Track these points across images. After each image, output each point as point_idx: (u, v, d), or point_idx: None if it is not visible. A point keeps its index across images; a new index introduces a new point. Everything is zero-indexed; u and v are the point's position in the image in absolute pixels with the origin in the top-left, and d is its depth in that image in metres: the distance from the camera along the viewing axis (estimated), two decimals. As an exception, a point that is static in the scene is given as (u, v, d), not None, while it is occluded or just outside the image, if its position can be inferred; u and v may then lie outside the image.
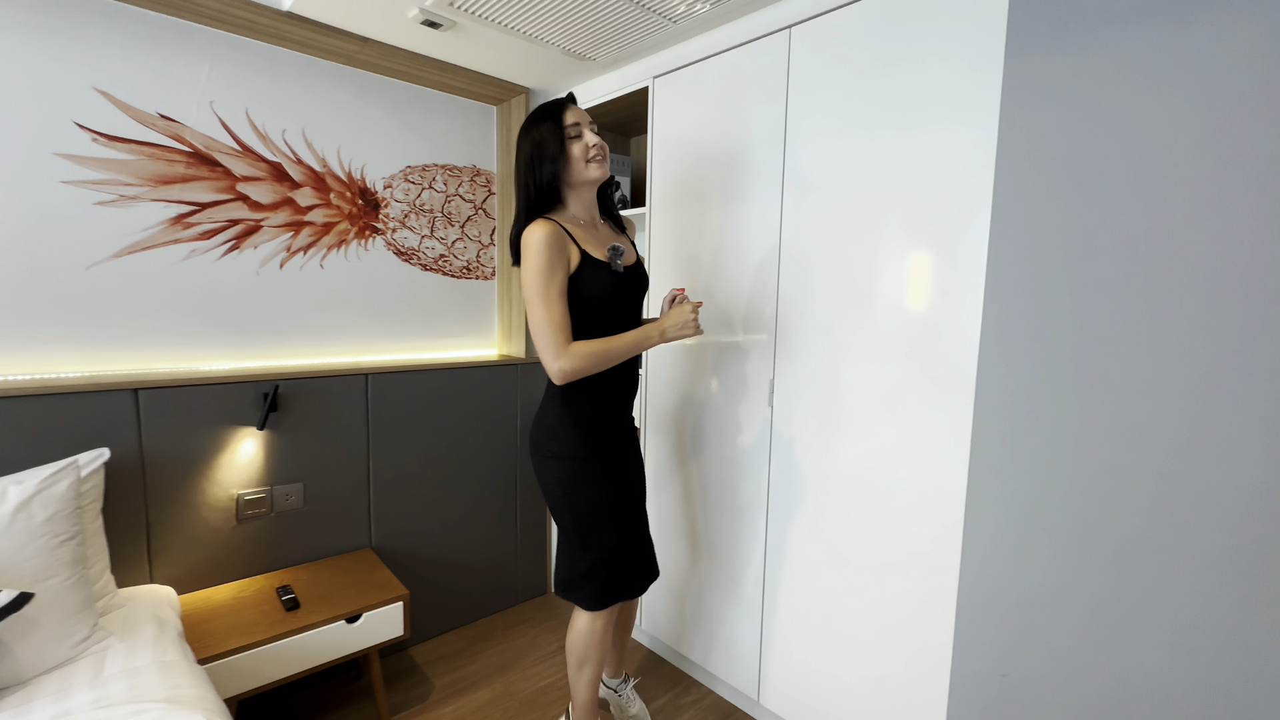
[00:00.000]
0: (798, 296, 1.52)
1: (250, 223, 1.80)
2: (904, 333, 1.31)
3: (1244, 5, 0.85)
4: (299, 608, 1.54)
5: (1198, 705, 0.93)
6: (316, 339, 1.94)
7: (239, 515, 1.69)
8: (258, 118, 1.78)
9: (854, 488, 1.43)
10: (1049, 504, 1.05)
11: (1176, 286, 0.92)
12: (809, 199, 1.49)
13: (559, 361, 1.20)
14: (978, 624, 1.15)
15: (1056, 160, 1.02)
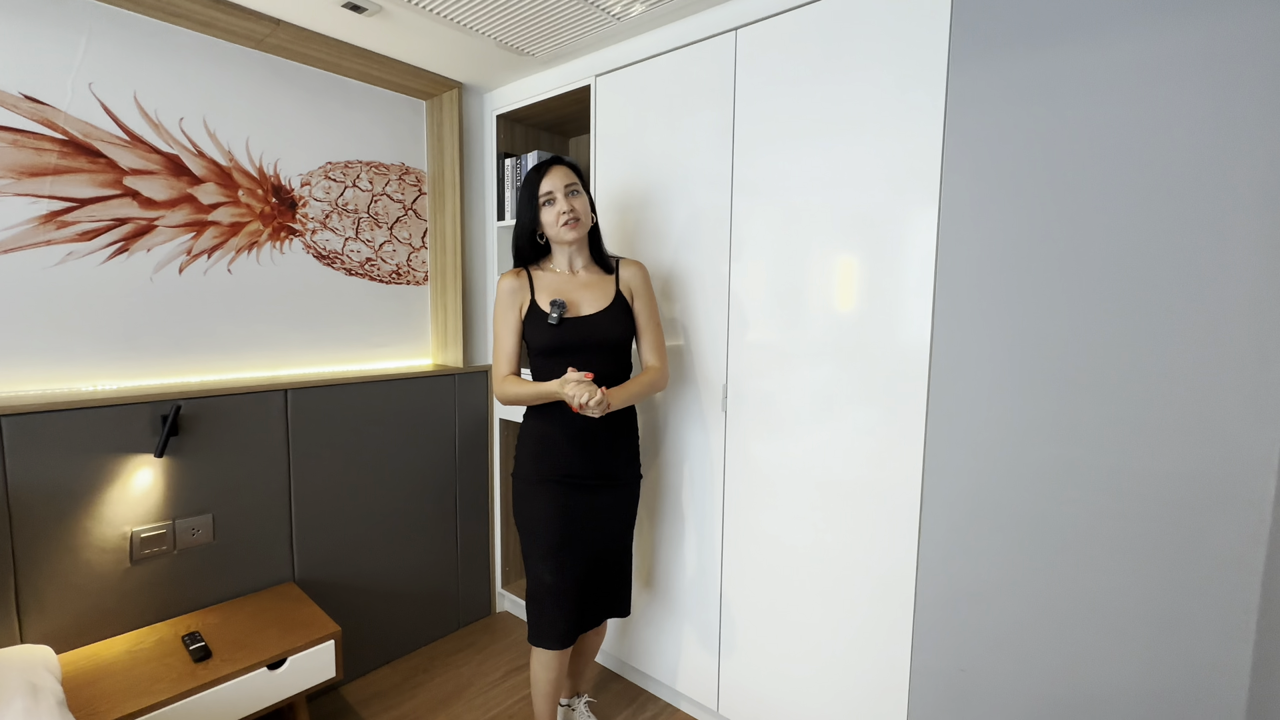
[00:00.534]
0: (749, 300, 1.51)
1: (141, 222, 1.59)
2: (856, 335, 1.32)
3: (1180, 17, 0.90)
4: (210, 657, 1.36)
5: (1139, 686, 0.98)
6: (225, 352, 1.74)
7: (134, 555, 1.48)
8: (149, 103, 1.58)
9: (810, 490, 1.43)
10: (1002, 500, 1.08)
11: (1118, 285, 0.96)
12: (758, 202, 1.48)
13: (495, 384, 1.43)
14: (936, 620, 1.17)
15: (1002, 163, 1.06)
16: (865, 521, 1.32)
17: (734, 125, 1.51)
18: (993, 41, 1.05)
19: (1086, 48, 0.97)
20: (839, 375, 1.35)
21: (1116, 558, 0.97)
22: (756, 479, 1.53)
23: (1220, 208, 0.88)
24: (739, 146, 1.51)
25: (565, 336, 1.38)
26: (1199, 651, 0.92)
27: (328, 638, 1.48)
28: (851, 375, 1.32)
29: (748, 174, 1.50)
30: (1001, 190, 1.06)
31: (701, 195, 1.60)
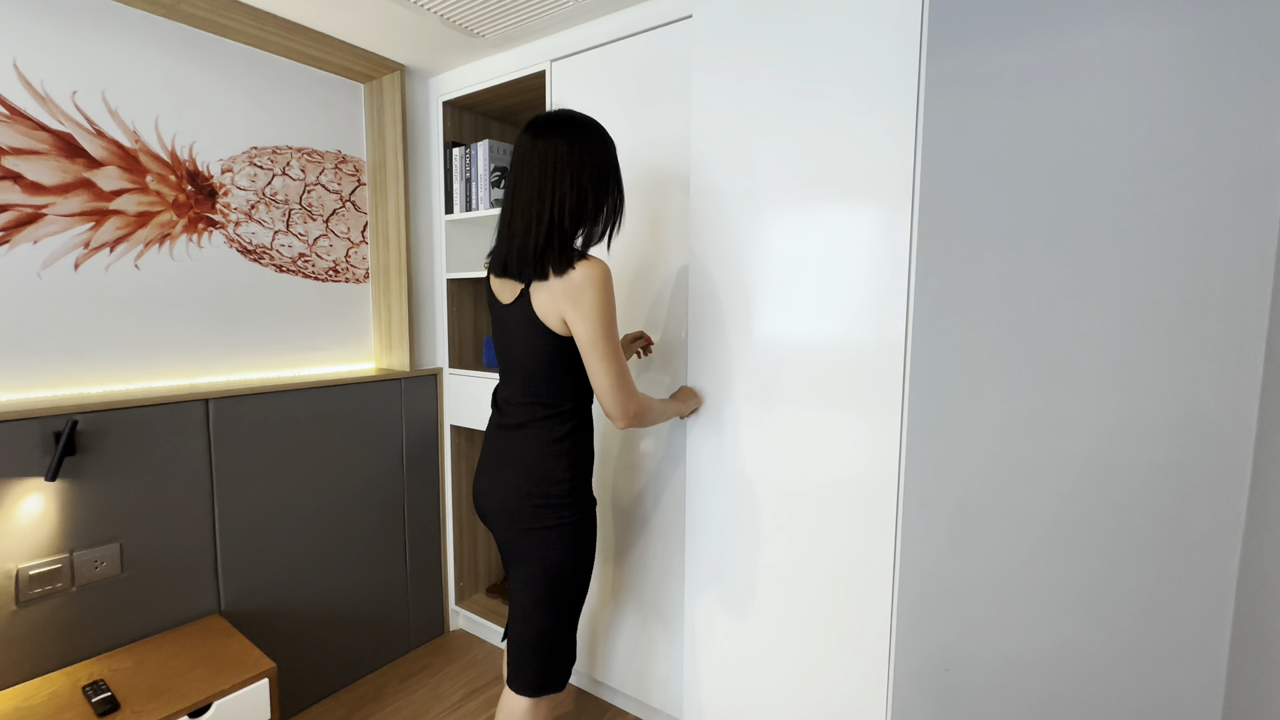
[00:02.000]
0: (713, 298, 1.45)
1: (25, 209, 1.37)
2: (829, 329, 1.28)
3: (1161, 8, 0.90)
4: (118, 709, 1.19)
5: (1125, 675, 0.98)
6: (133, 358, 1.54)
7: (20, 596, 1.27)
8: (32, 72, 1.37)
9: (781, 489, 1.39)
10: (984, 494, 1.07)
11: (1097, 277, 0.96)
12: (722, 196, 1.42)
13: (633, 403, 1.11)
14: (918, 620, 1.15)
15: (980, 155, 1.04)
16: (841, 520, 1.28)
17: (692, 114, 1.45)
18: (970, 31, 1.03)
19: (1065, 38, 0.96)
20: (811, 371, 1.31)
21: (1100, 549, 0.97)
22: (722, 479, 1.48)
23: (1200, 199, 0.88)
24: (698, 140, 1.45)
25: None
26: (1180, 640, 0.93)
27: (261, 676, 1.32)
28: (824, 370, 1.29)
29: (709, 168, 1.44)
30: (980, 180, 1.04)
31: (660, 192, 1.53)
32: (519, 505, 1.13)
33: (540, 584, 1.15)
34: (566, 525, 1.13)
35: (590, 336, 1.03)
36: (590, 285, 1.02)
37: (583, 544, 1.17)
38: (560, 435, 1.13)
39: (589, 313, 1.02)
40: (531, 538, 1.13)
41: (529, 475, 1.13)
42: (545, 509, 1.12)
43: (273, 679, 1.33)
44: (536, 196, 1.05)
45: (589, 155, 1.07)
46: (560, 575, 1.15)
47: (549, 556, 1.13)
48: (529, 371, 1.12)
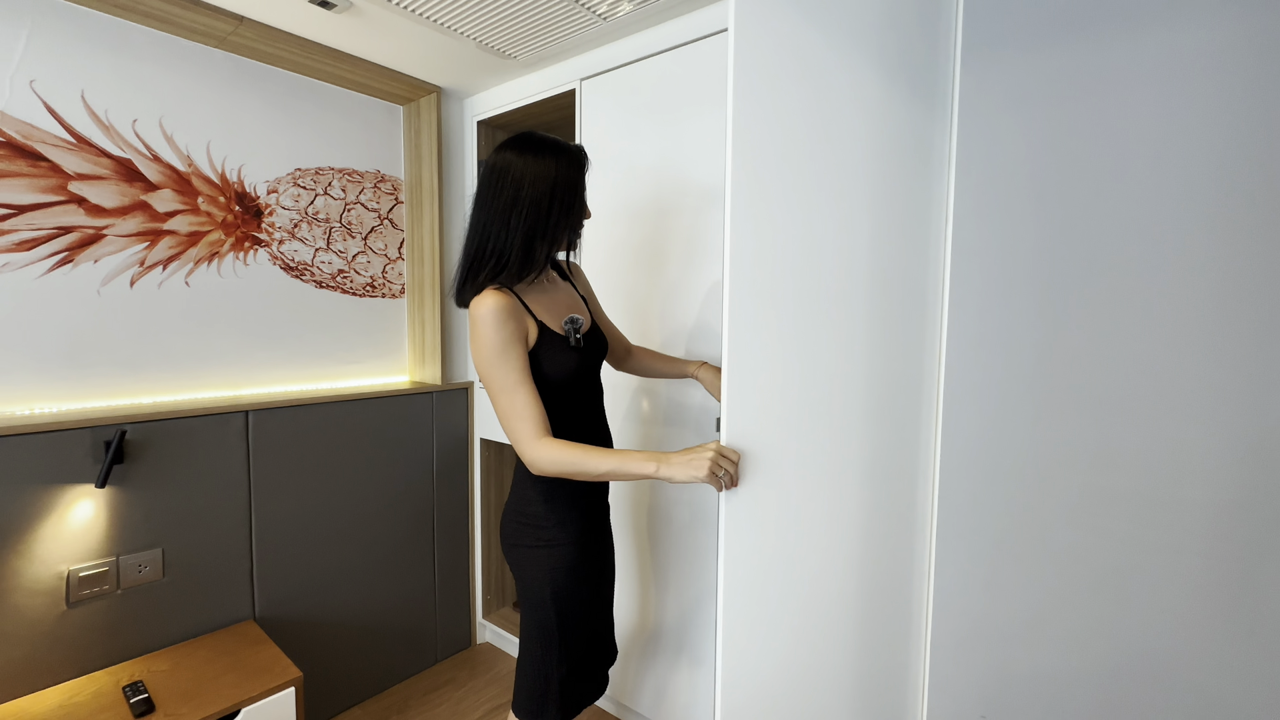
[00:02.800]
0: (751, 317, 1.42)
1: (88, 231, 1.46)
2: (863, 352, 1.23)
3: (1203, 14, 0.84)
4: (153, 711, 1.23)
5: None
6: (180, 371, 1.62)
7: (70, 597, 1.34)
8: (98, 103, 1.46)
9: (816, 521, 1.33)
10: (1023, 532, 1.00)
11: (1147, 300, 0.89)
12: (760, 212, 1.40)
13: (533, 452, 0.99)
14: (953, 662, 1.08)
15: (1017, 170, 0.99)
16: (871, 554, 1.23)
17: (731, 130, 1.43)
18: (1004, 40, 0.99)
19: (1107, 44, 0.91)
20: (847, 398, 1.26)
21: (1159, 596, 0.89)
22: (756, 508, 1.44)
23: (1260, 210, 0.81)
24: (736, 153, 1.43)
25: (586, 359, 1.13)
26: (1252, 701, 0.84)
27: (288, 684, 1.35)
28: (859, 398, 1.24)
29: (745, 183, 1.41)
30: (1019, 196, 0.99)
31: (694, 206, 1.52)
32: (506, 519, 1.16)
33: (524, 607, 1.14)
34: (542, 548, 1.10)
35: (479, 372, 1.02)
36: (475, 320, 1.00)
37: (563, 574, 1.10)
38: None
39: (477, 342, 1.00)
40: (514, 555, 1.14)
41: (515, 491, 1.15)
42: (524, 528, 1.12)
43: (299, 688, 1.36)
44: (470, 223, 1.07)
45: (524, 184, 1.01)
46: (539, 602, 1.10)
47: (527, 579, 1.12)
48: None
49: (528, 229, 1.02)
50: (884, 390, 1.09)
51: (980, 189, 1.02)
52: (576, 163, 1.07)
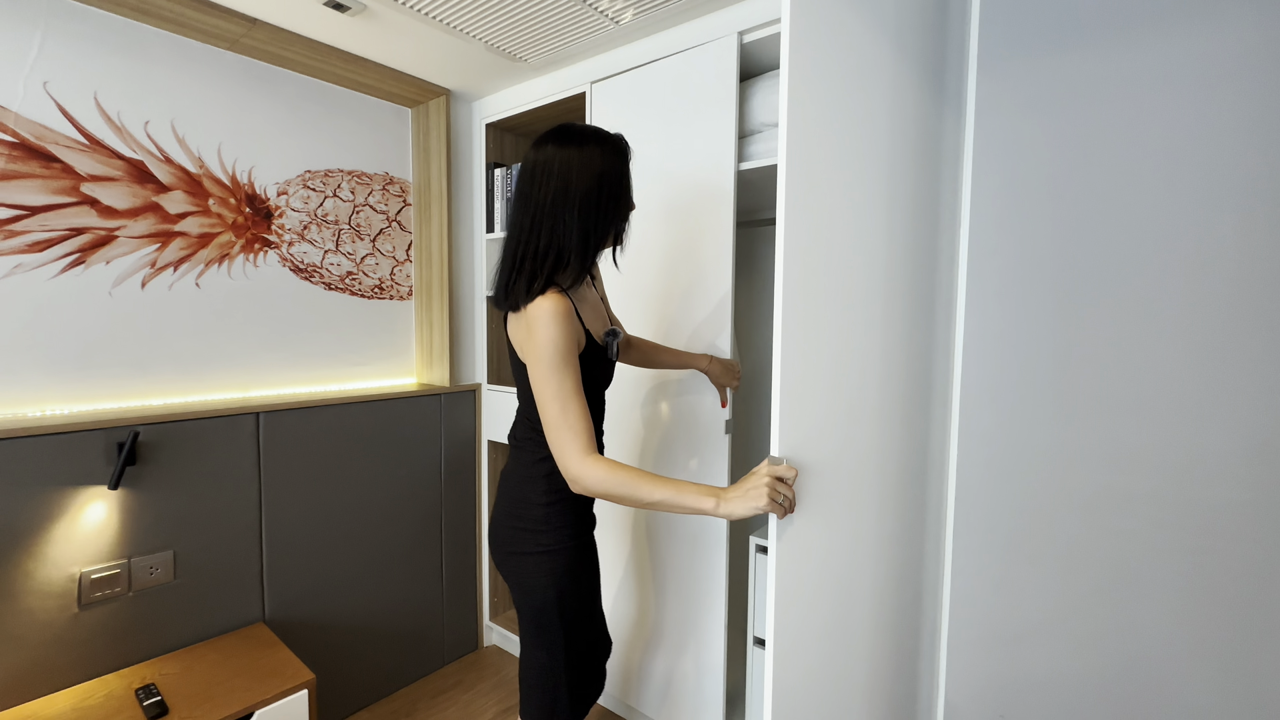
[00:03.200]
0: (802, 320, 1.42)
1: (100, 232, 1.46)
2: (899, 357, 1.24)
3: (1223, 16, 0.85)
4: (167, 714, 1.22)
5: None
6: (190, 373, 1.61)
7: (82, 599, 1.33)
8: (110, 105, 1.46)
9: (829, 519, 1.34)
10: (1038, 533, 1.01)
11: (1163, 302, 0.90)
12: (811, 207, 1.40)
13: (581, 469, 0.93)
14: (970, 662, 1.09)
15: (1033, 173, 1.00)
16: (886, 554, 1.23)
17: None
18: (1020, 45, 1.00)
19: (1123, 50, 0.92)
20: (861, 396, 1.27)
21: (1173, 595, 0.90)
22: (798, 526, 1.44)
23: (1275, 217, 0.82)
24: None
25: (610, 373, 1.12)
26: (1265, 700, 0.85)
27: (300, 687, 1.34)
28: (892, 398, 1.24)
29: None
30: (1035, 198, 1.00)
31: (705, 208, 1.53)
32: (499, 526, 1.11)
33: (526, 614, 1.10)
34: (544, 554, 1.06)
35: (535, 368, 0.95)
36: (537, 322, 0.94)
37: (565, 577, 1.08)
38: (543, 456, 1.07)
39: (539, 344, 0.95)
40: (511, 564, 1.09)
41: (509, 495, 1.11)
42: (522, 533, 1.07)
43: (311, 690, 1.35)
44: (515, 221, 1.01)
45: (579, 181, 0.97)
46: (543, 608, 1.07)
47: (529, 586, 1.08)
48: (522, 391, 1.10)
49: (583, 224, 0.97)
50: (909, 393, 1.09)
51: (997, 191, 1.03)
52: (620, 151, 1.02)
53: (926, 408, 1.15)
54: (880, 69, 0.97)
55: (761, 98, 1.43)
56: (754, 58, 1.48)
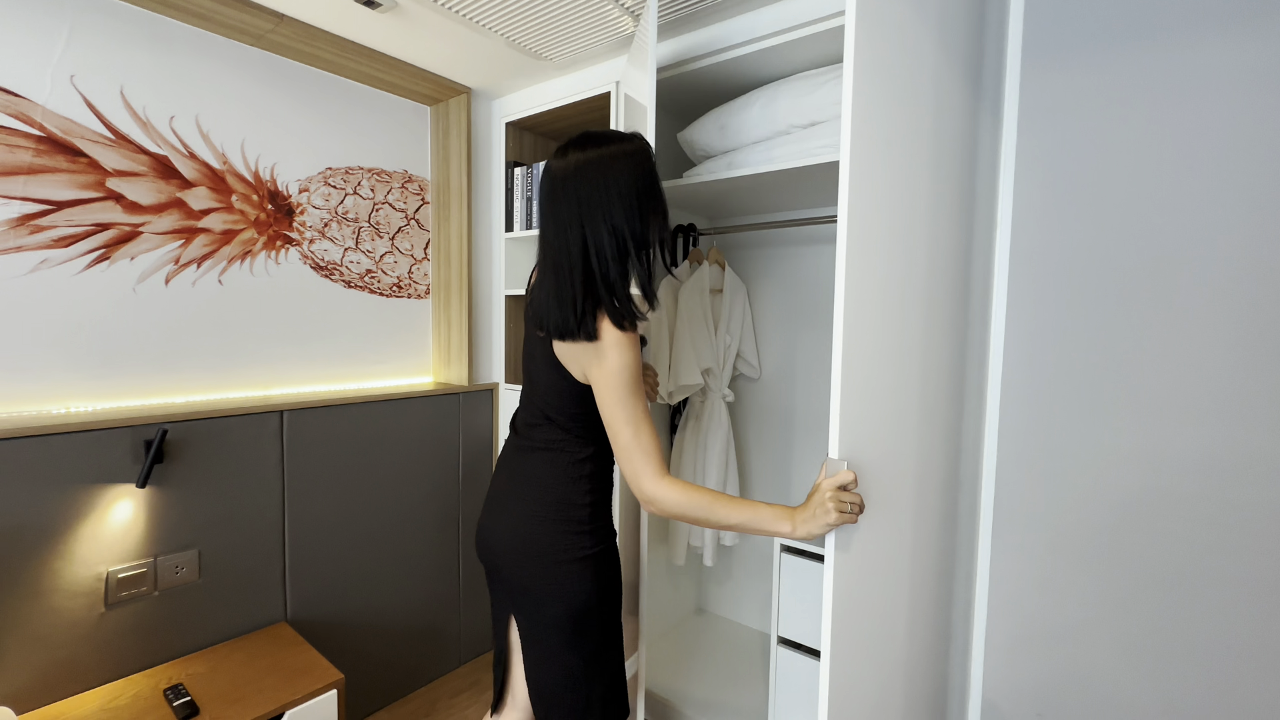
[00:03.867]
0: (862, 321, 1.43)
1: (125, 228, 1.45)
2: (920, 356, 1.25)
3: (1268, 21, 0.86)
4: (198, 714, 1.21)
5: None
6: (214, 370, 1.60)
7: (109, 599, 1.32)
8: (137, 99, 1.45)
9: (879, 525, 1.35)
10: (1078, 533, 1.02)
11: (1206, 303, 0.91)
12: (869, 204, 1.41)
13: (657, 490, 0.92)
14: (1008, 662, 1.09)
15: (1076, 175, 1.01)
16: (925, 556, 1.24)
17: (850, 114, 1.43)
18: (1064, 48, 1.01)
19: (1170, 53, 0.93)
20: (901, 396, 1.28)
21: (1218, 595, 0.91)
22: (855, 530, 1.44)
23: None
24: (855, 142, 1.44)
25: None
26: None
27: (330, 687, 1.33)
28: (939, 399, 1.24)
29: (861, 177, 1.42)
30: (1078, 201, 1.01)
31: (733, 206, 1.53)
32: (539, 532, 1.04)
33: (558, 621, 1.04)
34: (589, 558, 1.04)
35: (608, 393, 0.94)
36: (612, 349, 0.93)
37: (607, 579, 1.07)
38: (582, 458, 1.05)
39: (610, 369, 0.93)
40: (554, 573, 1.03)
41: (546, 498, 1.05)
42: (567, 535, 1.03)
43: (341, 690, 1.35)
44: (561, 242, 0.94)
45: (617, 186, 0.93)
46: (584, 612, 1.04)
47: (573, 595, 1.03)
48: (549, 404, 1.06)
49: (636, 237, 0.94)
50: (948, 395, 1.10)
51: (1039, 192, 1.04)
52: (646, 152, 0.98)
53: (962, 409, 1.15)
54: (925, 67, 0.98)
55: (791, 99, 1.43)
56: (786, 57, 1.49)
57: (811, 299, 1.92)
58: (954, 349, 1.14)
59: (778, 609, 1.50)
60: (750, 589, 2.11)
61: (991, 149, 1.12)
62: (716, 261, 1.92)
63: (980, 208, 1.14)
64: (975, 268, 1.14)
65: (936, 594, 1.21)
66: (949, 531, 1.18)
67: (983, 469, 1.12)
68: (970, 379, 1.14)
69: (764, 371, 2.03)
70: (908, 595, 1.11)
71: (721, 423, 1.87)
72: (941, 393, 1.14)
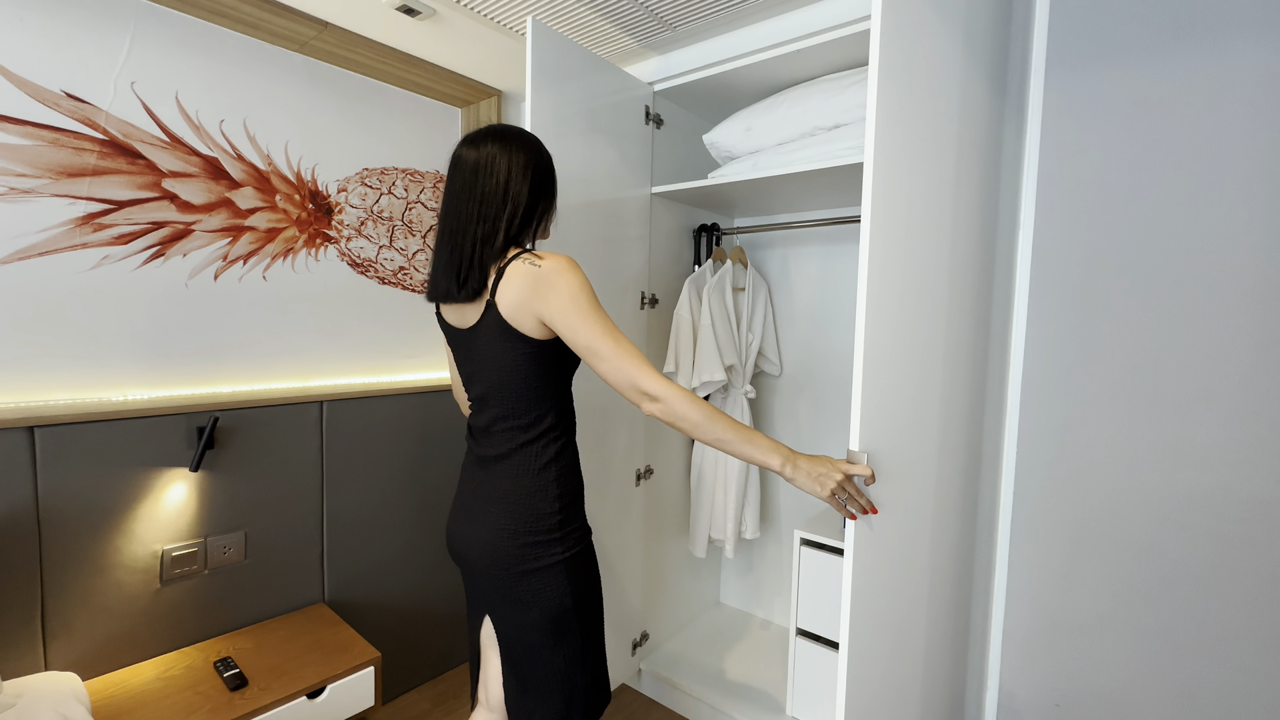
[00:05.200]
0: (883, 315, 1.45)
1: (179, 226, 1.53)
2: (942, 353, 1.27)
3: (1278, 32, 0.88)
4: (246, 685, 1.29)
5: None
6: (258, 362, 1.68)
7: (164, 575, 1.40)
8: (190, 104, 1.53)
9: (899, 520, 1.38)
10: (1100, 527, 1.04)
11: (1229, 301, 0.93)
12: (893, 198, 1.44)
13: (664, 388, 0.91)
14: (1026, 653, 1.12)
15: (1100, 177, 1.02)
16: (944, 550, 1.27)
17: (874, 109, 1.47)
18: (1088, 53, 1.03)
19: (1197, 58, 0.95)
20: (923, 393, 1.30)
21: (1235, 589, 0.93)
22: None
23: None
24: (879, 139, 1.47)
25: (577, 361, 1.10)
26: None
27: (367, 663, 1.40)
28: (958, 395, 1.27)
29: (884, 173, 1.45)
30: (1101, 201, 1.03)
31: (757, 206, 1.56)
32: (507, 546, 1.01)
33: (539, 625, 1.03)
34: (560, 563, 1.02)
35: (574, 314, 0.93)
36: (560, 271, 0.94)
37: (582, 580, 1.05)
38: (545, 462, 1.03)
39: (566, 293, 0.94)
40: (525, 581, 1.01)
41: (513, 511, 1.02)
42: (536, 546, 1.01)
43: (378, 667, 1.41)
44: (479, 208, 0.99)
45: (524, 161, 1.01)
46: (563, 616, 1.03)
47: (547, 600, 1.02)
48: (504, 388, 1.02)
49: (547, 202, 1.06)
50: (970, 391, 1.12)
51: (1062, 193, 1.06)
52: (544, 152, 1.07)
53: (983, 406, 1.18)
54: (952, 70, 1.00)
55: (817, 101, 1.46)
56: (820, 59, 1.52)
57: (833, 298, 1.95)
58: (976, 346, 1.17)
59: (797, 601, 1.54)
60: (770, 582, 2.14)
61: (1015, 151, 1.14)
62: (739, 260, 1.95)
63: (1004, 209, 1.16)
64: (998, 267, 1.16)
65: (956, 586, 1.24)
66: (969, 525, 1.20)
67: (1003, 464, 1.14)
68: (992, 376, 1.16)
69: (785, 369, 2.06)
70: (927, 588, 1.14)
71: (743, 419, 1.90)
72: (963, 389, 1.16)
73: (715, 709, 1.70)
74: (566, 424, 1.07)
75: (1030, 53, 1.11)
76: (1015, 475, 1.12)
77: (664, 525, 1.97)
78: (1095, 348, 1.04)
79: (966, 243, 1.15)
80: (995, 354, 1.17)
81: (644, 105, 1.75)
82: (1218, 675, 0.96)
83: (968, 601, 1.22)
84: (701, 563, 2.17)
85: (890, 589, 1.02)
